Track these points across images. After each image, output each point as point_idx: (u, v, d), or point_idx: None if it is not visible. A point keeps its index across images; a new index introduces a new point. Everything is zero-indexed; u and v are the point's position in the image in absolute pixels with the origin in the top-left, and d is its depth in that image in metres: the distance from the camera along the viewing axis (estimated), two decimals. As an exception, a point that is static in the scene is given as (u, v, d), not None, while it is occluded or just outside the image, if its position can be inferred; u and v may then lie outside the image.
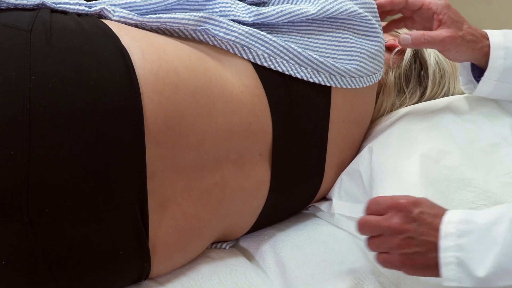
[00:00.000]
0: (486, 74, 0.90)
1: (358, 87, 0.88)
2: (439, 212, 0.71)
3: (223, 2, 0.81)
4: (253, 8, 0.84)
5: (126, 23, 0.78)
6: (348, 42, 0.86)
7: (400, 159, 0.86)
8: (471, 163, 0.84)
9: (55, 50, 0.68)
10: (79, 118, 0.65)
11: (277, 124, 0.82)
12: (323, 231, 0.90)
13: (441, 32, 0.88)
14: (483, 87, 0.92)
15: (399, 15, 0.97)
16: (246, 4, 0.85)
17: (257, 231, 0.91)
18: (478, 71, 0.95)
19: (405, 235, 0.70)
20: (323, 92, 0.85)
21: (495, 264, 0.67)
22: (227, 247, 0.89)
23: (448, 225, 0.69)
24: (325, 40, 0.85)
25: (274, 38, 0.82)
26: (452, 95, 1.04)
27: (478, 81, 0.93)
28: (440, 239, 0.69)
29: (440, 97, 1.03)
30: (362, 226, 0.72)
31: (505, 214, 0.69)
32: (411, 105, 1.01)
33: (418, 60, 1.03)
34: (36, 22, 0.70)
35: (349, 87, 0.86)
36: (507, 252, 0.67)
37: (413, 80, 1.02)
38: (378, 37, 0.89)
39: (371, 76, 0.89)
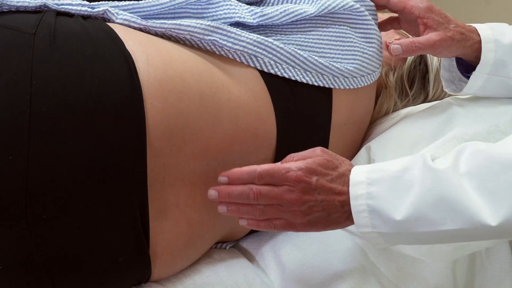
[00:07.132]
0: (478, 68, 0.89)
1: (359, 86, 0.88)
2: (343, 167, 0.72)
3: (227, 5, 0.81)
4: (257, 9, 0.83)
5: (129, 27, 0.77)
6: (348, 38, 0.87)
7: (397, 156, 0.85)
8: None
9: (58, 54, 0.67)
10: (79, 123, 0.65)
11: (281, 129, 0.82)
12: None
13: (430, 36, 0.87)
14: (475, 82, 0.91)
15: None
16: (248, 6, 0.84)
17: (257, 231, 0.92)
18: (463, 68, 0.95)
19: (306, 205, 0.71)
20: (325, 95, 0.85)
21: (411, 209, 0.67)
22: (228, 247, 0.89)
23: (358, 175, 0.71)
24: (327, 36, 0.86)
25: (281, 45, 0.82)
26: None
27: (466, 77, 0.93)
28: (350, 187, 0.70)
29: (441, 99, 1.02)
30: (262, 196, 0.71)
31: (415, 160, 0.70)
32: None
33: (423, 62, 1.02)
34: (41, 25, 0.69)
35: (351, 87, 0.87)
36: (423, 198, 0.67)
37: (417, 83, 1.02)
38: (374, 33, 0.89)
39: (371, 75, 0.89)
